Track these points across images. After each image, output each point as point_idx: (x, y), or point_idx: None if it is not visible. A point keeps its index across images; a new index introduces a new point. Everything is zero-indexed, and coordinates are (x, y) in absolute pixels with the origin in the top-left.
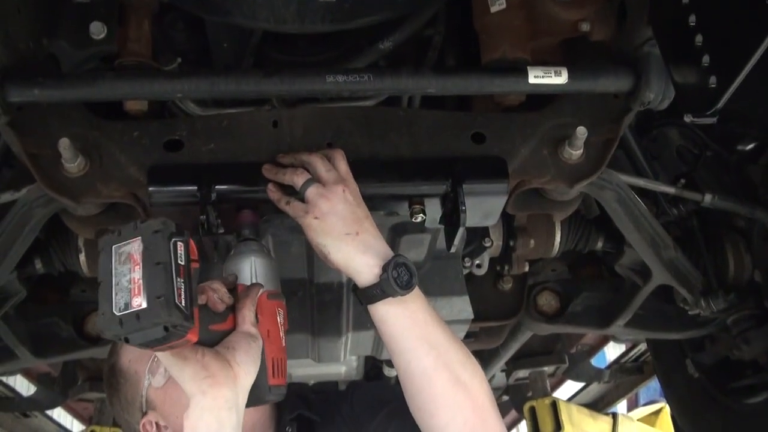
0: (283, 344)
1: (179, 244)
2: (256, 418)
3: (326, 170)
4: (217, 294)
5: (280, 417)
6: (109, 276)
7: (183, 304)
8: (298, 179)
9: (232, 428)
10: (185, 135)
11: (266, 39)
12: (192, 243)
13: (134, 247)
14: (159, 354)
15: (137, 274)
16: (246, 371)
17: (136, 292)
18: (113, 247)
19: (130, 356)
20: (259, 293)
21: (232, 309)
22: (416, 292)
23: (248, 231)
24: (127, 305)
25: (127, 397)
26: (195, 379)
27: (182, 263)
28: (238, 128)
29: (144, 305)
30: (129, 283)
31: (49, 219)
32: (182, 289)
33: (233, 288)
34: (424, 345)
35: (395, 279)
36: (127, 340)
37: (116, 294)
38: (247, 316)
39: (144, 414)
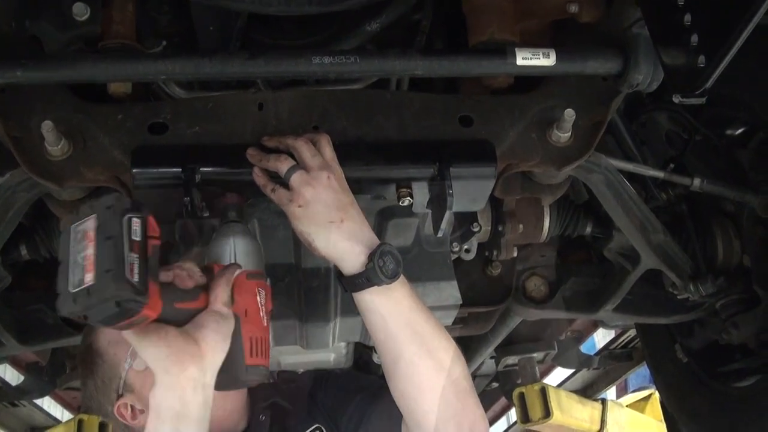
0: (265, 324)
1: (134, 219)
2: (233, 405)
3: (311, 156)
4: (186, 272)
5: (253, 405)
6: (67, 255)
7: (135, 279)
8: (282, 166)
9: (198, 407)
10: (170, 118)
11: (252, 22)
12: (151, 220)
13: (89, 224)
14: (124, 332)
15: (90, 250)
16: (213, 348)
17: (89, 268)
18: (71, 226)
19: (110, 337)
20: (237, 273)
21: (206, 288)
22: (401, 279)
23: (232, 213)
24: (81, 281)
25: (104, 378)
26: (158, 357)
27: (137, 239)
28: (223, 111)
29: (93, 280)
30: (83, 260)
31: (34, 205)
32: (135, 264)
33: (209, 268)
34: (409, 332)
35: (381, 268)
36: (86, 318)
37: (72, 272)
38: (219, 295)
39: (120, 396)
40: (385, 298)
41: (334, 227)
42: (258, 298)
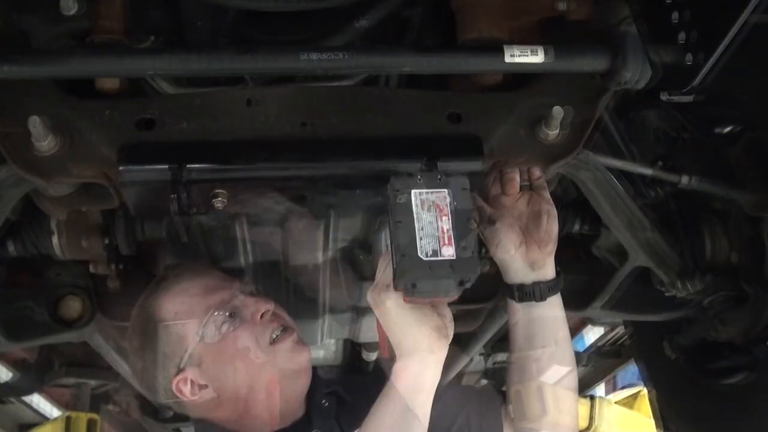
0: None
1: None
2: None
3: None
4: None
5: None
6: (411, 219)
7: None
8: None
9: None
10: (158, 114)
11: (242, 18)
12: None
13: (440, 197)
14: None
15: (446, 224)
16: None
17: (446, 241)
18: (413, 191)
19: (178, 307)
20: None
21: None
22: None
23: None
24: (436, 252)
25: (166, 351)
26: None
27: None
28: (211, 107)
29: (455, 255)
30: (436, 231)
31: (22, 201)
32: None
33: None
34: None
35: None
36: (414, 286)
37: (421, 238)
38: None
39: (181, 371)
40: None
41: None
42: None
